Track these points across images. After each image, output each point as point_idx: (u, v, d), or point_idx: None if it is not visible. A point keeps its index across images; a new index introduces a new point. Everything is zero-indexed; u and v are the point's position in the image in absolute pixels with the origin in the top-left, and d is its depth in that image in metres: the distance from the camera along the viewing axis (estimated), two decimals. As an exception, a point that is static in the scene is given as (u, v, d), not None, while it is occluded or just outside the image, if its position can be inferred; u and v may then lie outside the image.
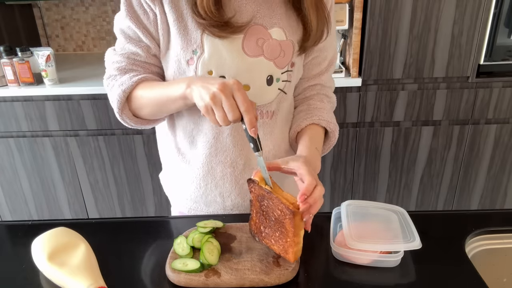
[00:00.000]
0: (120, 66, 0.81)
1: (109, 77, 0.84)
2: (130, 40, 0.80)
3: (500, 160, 1.99)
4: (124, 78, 0.80)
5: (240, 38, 0.77)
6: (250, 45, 0.78)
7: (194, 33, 0.77)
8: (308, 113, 0.89)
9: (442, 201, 2.10)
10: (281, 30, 0.80)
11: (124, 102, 0.80)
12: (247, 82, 0.81)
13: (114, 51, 0.84)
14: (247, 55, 0.79)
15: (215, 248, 0.71)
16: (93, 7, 2.40)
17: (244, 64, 0.79)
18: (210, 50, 0.77)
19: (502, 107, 1.87)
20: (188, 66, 0.79)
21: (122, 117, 0.83)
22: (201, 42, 0.77)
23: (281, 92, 0.85)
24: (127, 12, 0.78)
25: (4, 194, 2.08)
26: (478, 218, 0.84)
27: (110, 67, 0.83)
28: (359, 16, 1.72)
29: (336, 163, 1.99)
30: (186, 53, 0.78)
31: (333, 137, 0.90)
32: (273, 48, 0.80)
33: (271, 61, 0.81)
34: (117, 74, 0.82)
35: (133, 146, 1.94)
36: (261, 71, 0.81)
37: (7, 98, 1.84)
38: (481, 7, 1.67)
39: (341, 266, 0.71)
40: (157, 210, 2.12)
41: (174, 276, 0.67)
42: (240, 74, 0.80)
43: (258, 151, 0.70)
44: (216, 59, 0.78)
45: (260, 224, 0.73)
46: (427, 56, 1.76)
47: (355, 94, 1.82)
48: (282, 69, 0.83)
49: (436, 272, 0.69)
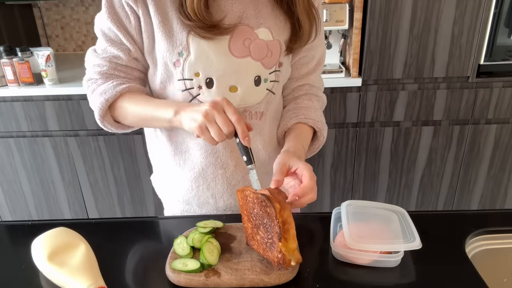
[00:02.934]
0: (101, 70, 0.81)
1: (89, 79, 0.83)
2: (112, 42, 0.79)
3: (500, 160, 1.99)
4: (106, 86, 0.79)
5: (226, 39, 0.77)
6: (236, 46, 0.78)
7: (179, 35, 0.76)
8: (295, 112, 0.89)
9: (442, 201, 2.10)
10: (267, 30, 0.80)
11: (106, 110, 0.80)
12: (234, 83, 0.80)
13: (95, 53, 0.83)
14: (234, 56, 0.78)
15: (215, 248, 0.71)
16: (93, 7, 2.40)
17: (231, 65, 0.78)
18: (196, 51, 0.76)
19: (502, 107, 1.87)
20: (175, 68, 0.78)
21: (104, 123, 0.83)
22: (187, 43, 0.76)
23: (269, 92, 0.85)
24: (108, 13, 0.76)
25: (4, 194, 2.08)
26: (478, 218, 0.84)
27: (91, 70, 0.82)
28: (359, 16, 1.72)
29: (336, 163, 1.99)
30: (172, 55, 0.77)
31: (321, 136, 0.90)
32: (260, 49, 0.79)
33: (258, 62, 0.80)
34: (99, 78, 0.81)
35: (133, 146, 1.94)
36: (249, 72, 0.80)
37: (7, 98, 1.84)
38: (481, 7, 1.67)
39: (341, 266, 0.71)
40: (157, 210, 2.12)
41: (174, 276, 0.67)
42: (227, 75, 0.79)
43: (251, 163, 0.70)
44: (202, 61, 0.77)
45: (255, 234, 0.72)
46: (427, 56, 1.76)
47: (355, 94, 1.82)
48: (269, 69, 0.82)
49: (436, 272, 0.69)
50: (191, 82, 0.79)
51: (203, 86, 0.79)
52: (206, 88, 0.79)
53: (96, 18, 0.81)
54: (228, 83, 0.80)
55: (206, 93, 0.80)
